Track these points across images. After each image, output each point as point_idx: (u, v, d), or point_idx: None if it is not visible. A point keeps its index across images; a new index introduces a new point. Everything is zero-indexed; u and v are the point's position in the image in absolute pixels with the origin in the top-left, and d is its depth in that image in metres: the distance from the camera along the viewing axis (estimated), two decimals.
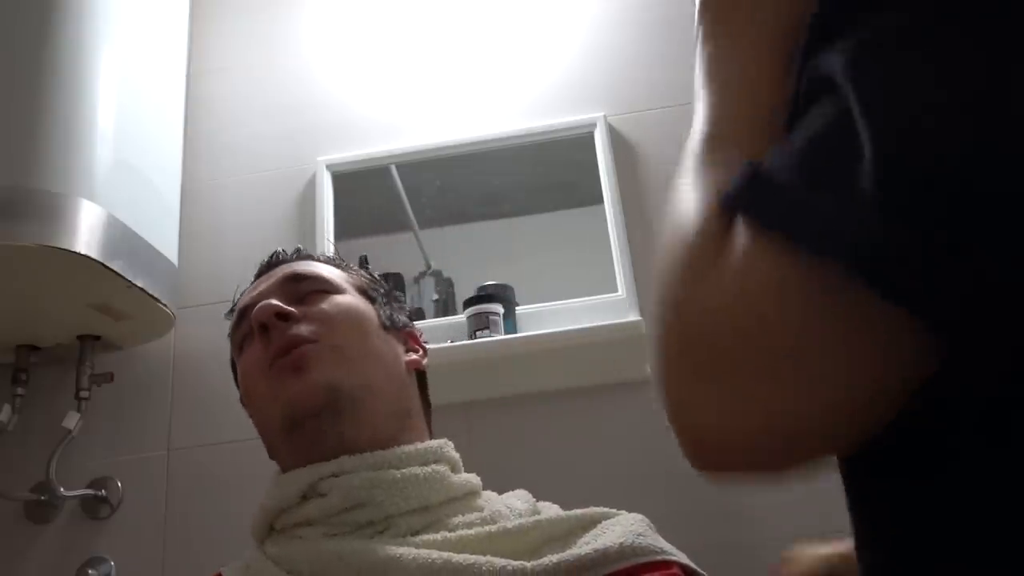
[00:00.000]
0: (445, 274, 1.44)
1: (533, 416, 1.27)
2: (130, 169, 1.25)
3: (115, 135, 1.22)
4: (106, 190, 1.17)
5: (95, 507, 1.31)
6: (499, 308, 1.29)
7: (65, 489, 1.26)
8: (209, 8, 1.69)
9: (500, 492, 0.74)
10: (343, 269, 0.81)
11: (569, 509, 0.72)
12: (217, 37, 1.67)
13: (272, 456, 0.74)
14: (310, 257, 0.82)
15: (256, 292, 0.77)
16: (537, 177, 1.53)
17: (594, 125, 1.45)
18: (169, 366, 1.40)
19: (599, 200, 1.39)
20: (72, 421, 1.27)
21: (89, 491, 1.29)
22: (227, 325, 1.40)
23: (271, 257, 0.83)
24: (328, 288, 0.75)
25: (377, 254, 1.25)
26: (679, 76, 1.49)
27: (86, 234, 1.11)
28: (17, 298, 1.19)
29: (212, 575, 0.69)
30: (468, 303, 1.27)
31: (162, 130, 1.41)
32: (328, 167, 1.49)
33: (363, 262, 0.86)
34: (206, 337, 1.42)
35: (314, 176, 1.50)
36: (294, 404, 0.67)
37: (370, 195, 1.55)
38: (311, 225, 1.45)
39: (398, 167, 1.51)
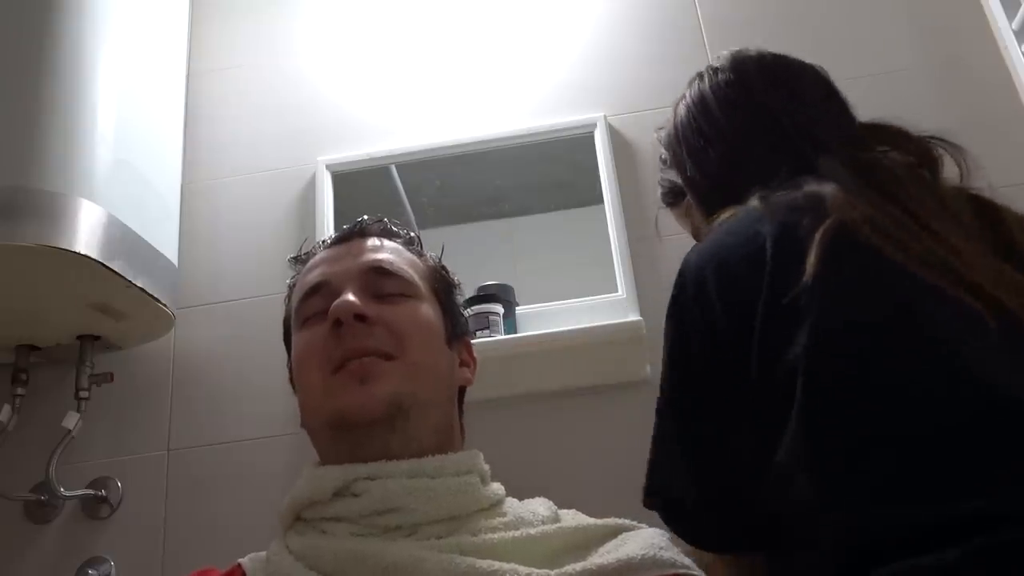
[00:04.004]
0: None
1: (533, 416, 1.27)
2: (130, 169, 1.25)
3: (115, 135, 1.22)
4: (106, 190, 1.17)
5: (95, 507, 1.31)
6: (499, 308, 1.29)
7: (65, 489, 1.26)
8: (209, 8, 1.69)
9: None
10: (421, 259, 0.79)
11: (568, 508, 0.72)
12: (217, 37, 1.67)
13: (308, 432, 0.73)
14: (392, 235, 0.79)
15: (335, 269, 0.72)
16: (537, 177, 1.53)
17: (594, 125, 1.45)
18: (169, 366, 1.40)
19: (599, 200, 1.39)
20: (72, 421, 1.27)
21: (89, 491, 1.29)
22: (227, 325, 1.42)
23: (355, 225, 0.78)
24: (409, 293, 0.72)
25: None
26: (679, 76, 1.47)
27: (86, 234, 1.11)
28: (17, 298, 1.19)
29: (232, 565, 0.69)
30: (468, 303, 1.27)
31: (162, 130, 1.41)
32: (328, 167, 1.49)
33: (440, 256, 0.83)
34: (206, 337, 1.42)
35: (314, 176, 1.50)
36: (351, 412, 0.65)
37: (370, 195, 1.55)
38: (311, 225, 1.45)
39: (398, 167, 1.51)
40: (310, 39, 1.64)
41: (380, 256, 0.74)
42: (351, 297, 0.68)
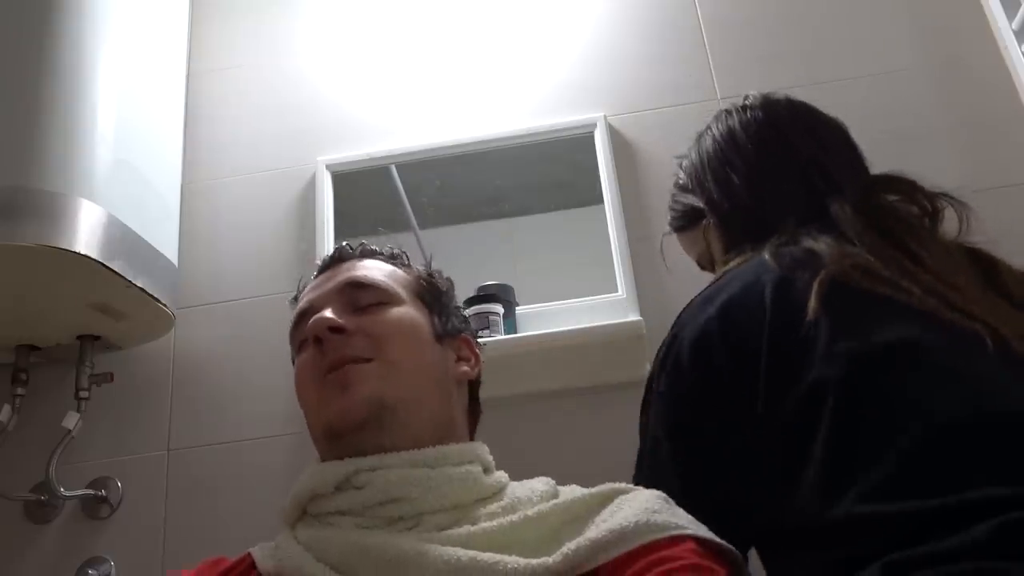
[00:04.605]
0: (445, 274, 1.44)
1: (533, 416, 1.27)
2: (130, 169, 1.25)
3: (115, 135, 1.22)
4: (106, 190, 1.17)
5: (95, 507, 1.31)
6: (499, 308, 1.29)
7: (65, 489, 1.26)
8: (209, 8, 1.69)
9: None
10: (404, 269, 0.81)
11: None
12: (217, 37, 1.67)
13: (314, 443, 0.75)
14: (374, 254, 0.82)
15: (316, 294, 0.77)
16: (537, 177, 1.52)
17: (594, 125, 1.45)
18: (169, 366, 1.40)
19: (599, 200, 1.39)
20: (72, 421, 1.27)
21: (89, 491, 1.29)
22: (227, 325, 1.42)
23: (335, 252, 0.82)
24: (387, 300, 0.75)
25: None
26: (679, 76, 1.49)
27: (86, 234, 1.11)
28: (17, 298, 1.19)
29: (242, 554, 0.70)
30: (468, 303, 1.27)
31: (162, 130, 1.41)
32: (328, 167, 1.49)
33: (428, 264, 0.86)
34: (206, 337, 1.42)
35: (314, 176, 1.50)
36: (338, 418, 0.68)
37: (370, 195, 1.55)
38: (311, 225, 1.45)
39: (398, 167, 1.51)
40: (310, 39, 1.64)
41: (355, 272, 0.78)
42: (326, 313, 0.71)
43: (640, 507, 0.61)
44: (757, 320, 0.68)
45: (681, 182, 0.98)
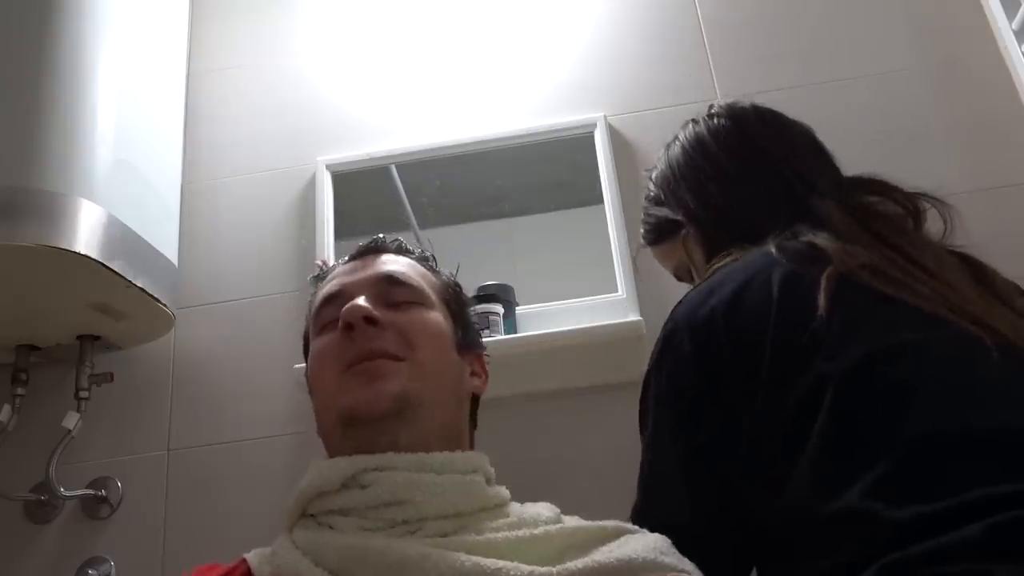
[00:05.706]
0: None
1: (533, 416, 1.27)
2: (130, 169, 1.25)
3: (115, 135, 1.22)
4: (106, 190, 1.17)
5: (95, 507, 1.31)
6: (499, 308, 1.29)
7: (65, 489, 1.26)
8: (209, 8, 1.69)
9: None
10: (435, 274, 0.82)
11: (568, 510, 0.72)
12: (217, 37, 1.67)
13: (321, 436, 0.75)
14: (407, 252, 0.83)
15: (348, 279, 0.76)
16: (537, 177, 1.53)
17: (594, 125, 1.45)
18: (169, 366, 1.40)
19: (599, 200, 1.39)
20: (72, 421, 1.27)
21: (89, 491, 1.29)
22: (227, 325, 1.42)
23: (371, 242, 0.83)
24: (419, 301, 0.76)
25: None
26: (679, 76, 1.49)
27: (86, 234, 1.11)
28: (17, 298, 1.19)
29: (236, 560, 0.69)
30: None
31: (162, 130, 1.41)
32: (328, 167, 1.49)
33: (455, 273, 0.87)
34: (206, 337, 1.42)
35: (314, 176, 1.50)
36: (360, 408, 0.68)
37: (370, 195, 1.55)
38: (311, 225, 1.45)
39: (398, 167, 1.51)
40: (310, 39, 1.64)
41: (391, 267, 0.78)
42: (361, 302, 0.71)
43: (649, 546, 0.62)
44: (763, 312, 0.67)
45: (652, 195, 0.97)
